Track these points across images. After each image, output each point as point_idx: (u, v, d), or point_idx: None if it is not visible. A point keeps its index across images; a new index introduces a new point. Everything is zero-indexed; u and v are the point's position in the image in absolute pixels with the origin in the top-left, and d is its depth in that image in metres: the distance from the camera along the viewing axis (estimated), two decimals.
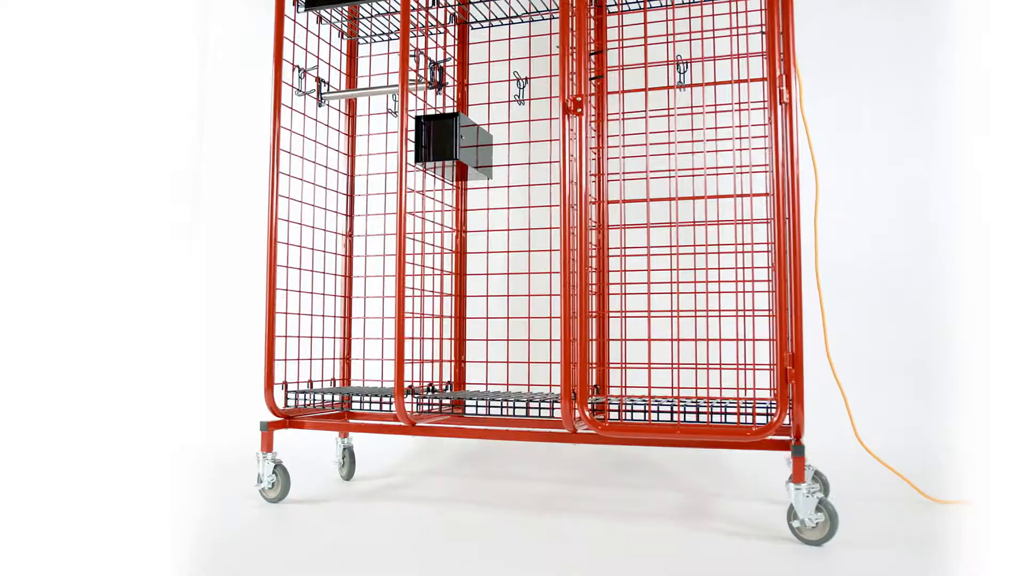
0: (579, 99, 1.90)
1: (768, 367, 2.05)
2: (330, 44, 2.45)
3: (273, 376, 2.16)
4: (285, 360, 2.23)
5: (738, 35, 2.11)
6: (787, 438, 1.80)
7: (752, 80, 2.09)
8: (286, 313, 2.23)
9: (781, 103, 1.80)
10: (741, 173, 2.12)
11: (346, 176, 2.49)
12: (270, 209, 2.19)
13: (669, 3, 2.15)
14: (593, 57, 2.26)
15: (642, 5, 2.12)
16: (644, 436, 1.76)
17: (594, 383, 2.18)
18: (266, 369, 2.16)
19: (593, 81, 2.24)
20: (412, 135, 2.10)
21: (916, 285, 2.35)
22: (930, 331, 2.33)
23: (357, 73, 2.55)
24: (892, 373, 2.33)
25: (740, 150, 2.14)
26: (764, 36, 2.00)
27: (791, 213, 1.83)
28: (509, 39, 2.38)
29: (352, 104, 2.51)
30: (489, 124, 2.38)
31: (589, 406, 1.85)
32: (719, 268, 2.10)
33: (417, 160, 2.09)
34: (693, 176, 2.12)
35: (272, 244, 2.19)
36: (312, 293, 2.34)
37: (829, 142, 2.37)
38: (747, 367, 2.09)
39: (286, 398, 2.18)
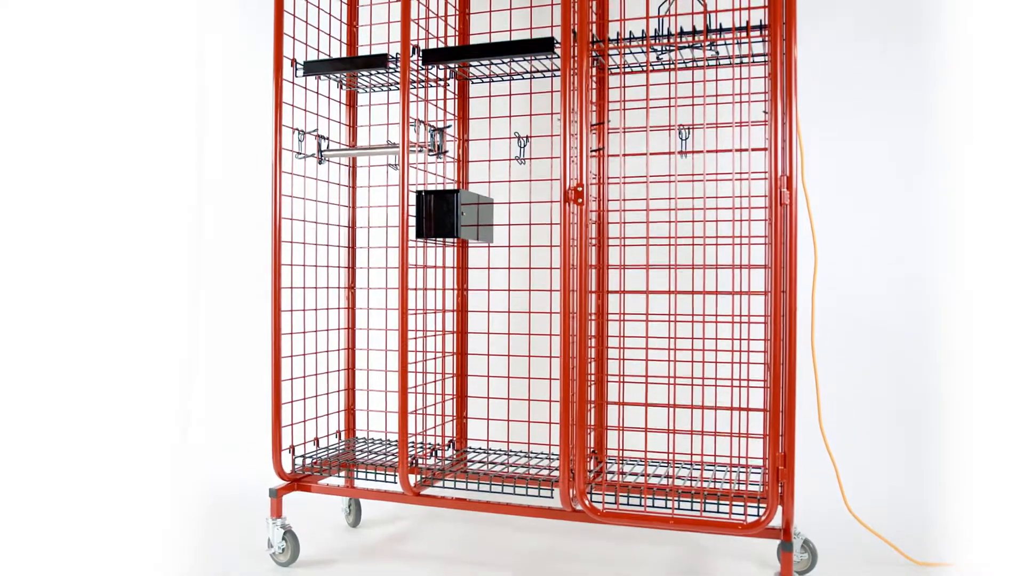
0: (580, 188, 1.90)
1: (761, 435, 2.10)
2: (329, 97, 2.44)
3: (280, 442, 2.22)
4: (292, 408, 2.28)
5: (741, 102, 2.10)
6: (778, 527, 1.86)
7: (754, 149, 2.09)
8: (290, 357, 2.28)
9: (781, 204, 1.81)
10: (740, 244, 2.13)
11: (347, 228, 2.51)
12: (274, 277, 2.21)
13: (671, 65, 2.13)
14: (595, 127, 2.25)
15: (644, 68, 2.10)
16: (639, 524, 1.82)
17: (592, 448, 2.23)
18: (273, 434, 2.21)
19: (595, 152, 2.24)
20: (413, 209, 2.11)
21: (905, 340, 2.38)
22: (917, 388, 2.36)
23: (357, 123, 2.53)
24: (877, 428, 2.38)
25: (740, 220, 2.14)
26: (766, 113, 1.99)
27: (788, 302, 1.85)
28: (510, 95, 2.37)
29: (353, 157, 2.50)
30: (490, 182, 2.38)
31: (587, 489, 1.91)
32: (716, 338, 2.13)
33: (418, 236, 2.10)
34: (693, 243, 2.13)
35: (276, 312, 2.22)
36: (316, 350, 2.38)
37: (820, 196, 2.37)
38: (742, 435, 2.14)
39: (293, 461, 2.24)
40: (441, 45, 2.36)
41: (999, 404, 2.28)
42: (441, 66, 2.21)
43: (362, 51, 2.54)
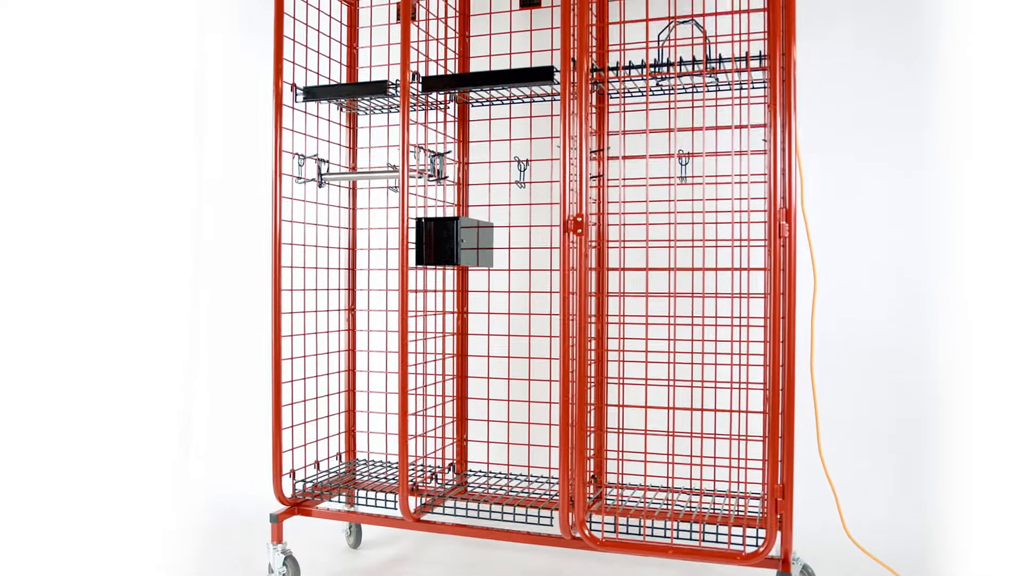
0: (579, 219, 1.91)
1: (760, 461, 2.11)
2: (329, 120, 2.44)
3: (281, 467, 2.23)
4: (292, 433, 2.29)
5: (740, 127, 2.10)
6: (777, 556, 1.86)
7: (753, 177, 2.09)
8: (291, 382, 2.28)
9: (780, 237, 1.81)
10: (740, 272, 2.14)
11: (347, 250, 2.51)
12: (274, 304, 2.21)
13: (671, 91, 2.13)
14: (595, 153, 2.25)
15: (644, 92, 2.10)
16: (638, 553, 1.83)
17: (592, 473, 2.24)
18: (273, 460, 2.22)
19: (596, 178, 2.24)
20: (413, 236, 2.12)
21: (905, 362, 2.38)
22: (917, 411, 2.37)
23: (357, 145, 2.54)
24: (877, 452, 2.39)
25: (739, 245, 2.15)
26: (766, 141, 1.99)
27: (787, 330, 1.86)
28: (510, 118, 2.37)
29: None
30: (490, 206, 2.38)
31: (587, 517, 1.92)
32: (716, 361, 2.14)
33: (418, 262, 2.11)
34: (692, 271, 2.14)
35: (276, 339, 2.23)
36: (316, 372, 2.38)
37: (819, 214, 2.37)
38: (740, 463, 2.15)
39: (294, 486, 2.25)
40: (441, 67, 2.36)
41: (999, 428, 2.28)
42: (441, 92, 2.21)
43: (362, 72, 2.54)
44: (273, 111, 2.21)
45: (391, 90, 2.20)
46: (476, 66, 2.43)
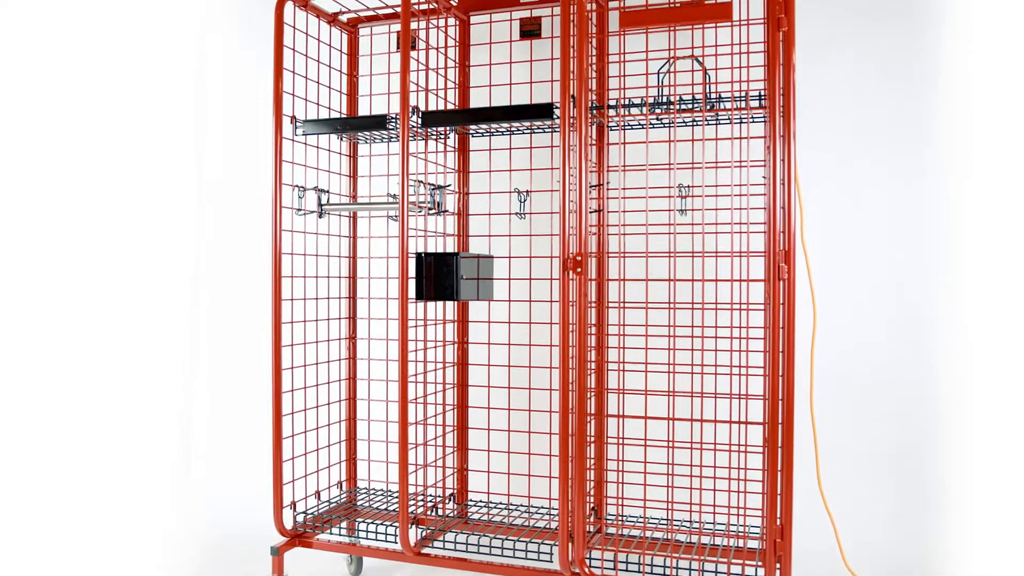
0: (579, 258, 1.91)
1: (760, 492, 2.11)
2: (329, 149, 2.44)
3: (282, 499, 2.23)
4: (293, 465, 2.29)
5: (740, 165, 2.10)
6: None
7: (753, 209, 2.09)
8: (291, 414, 2.29)
9: (780, 279, 1.81)
10: (740, 309, 2.14)
11: (348, 279, 2.51)
12: (274, 338, 2.22)
13: (671, 124, 2.13)
14: (594, 176, 2.25)
15: (644, 125, 2.09)
16: None
17: (592, 505, 2.25)
18: (274, 492, 2.23)
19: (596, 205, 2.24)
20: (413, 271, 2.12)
21: (905, 392, 2.37)
22: (917, 441, 2.37)
23: (358, 174, 2.54)
24: (877, 482, 2.39)
25: (740, 282, 2.15)
26: (765, 178, 1.99)
27: (786, 368, 1.86)
28: (510, 149, 2.37)
29: (353, 199, 2.51)
30: (490, 236, 2.38)
31: (586, 554, 1.93)
32: (715, 398, 2.14)
33: (418, 298, 2.11)
34: (692, 307, 2.14)
35: (276, 372, 2.23)
36: (317, 401, 2.39)
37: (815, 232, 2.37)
38: (741, 490, 2.15)
39: (295, 517, 2.26)
40: (441, 97, 2.36)
41: (999, 454, 2.28)
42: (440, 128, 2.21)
43: (363, 101, 2.54)
44: (273, 144, 2.21)
45: (390, 125, 2.20)
46: (476, 95, 2.43)
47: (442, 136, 2.36)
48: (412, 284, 2.31)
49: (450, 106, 2.40)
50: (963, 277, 2.30)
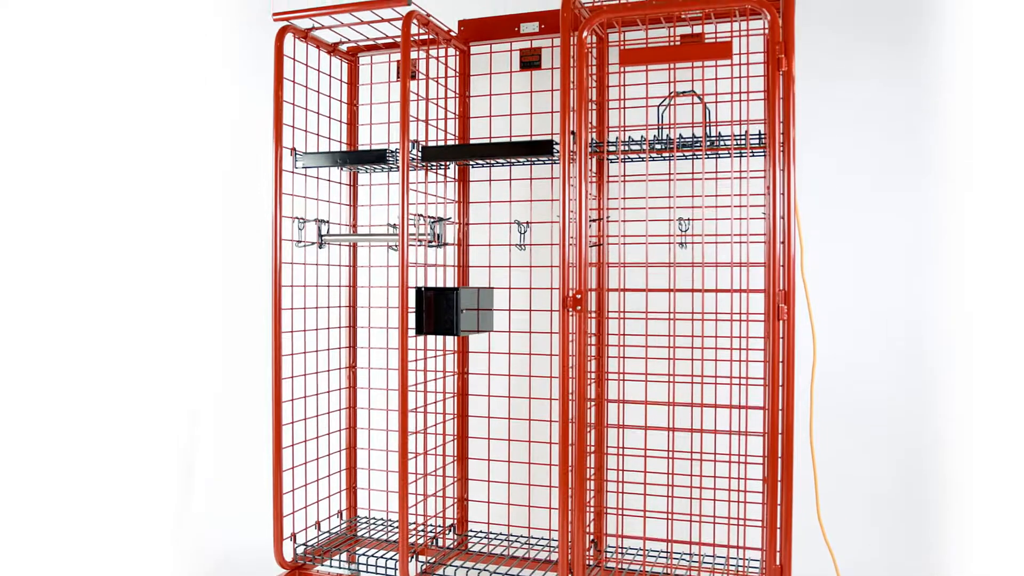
0: (579, 296, 1.91)
1: (760, 525, 2.11)
2: (329, 180, 2.44)
3: (282, 531, 2.24)
4: (293, 497, 2.29)
5: (740, 205, 2.10)
6: None
7: (752, 237, 2.08)
8: (291, 446, 2.29)
9: (780, 319, 1.81)
10: (741, 344, 2.14)
11: (348, 308, 2.51)
12: (274, 373, 2.22)
13: (671, 157, 2.13)
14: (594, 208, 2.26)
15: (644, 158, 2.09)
16: None
17: (592, 538, 2.25)
18: (274, 524, 2.23)
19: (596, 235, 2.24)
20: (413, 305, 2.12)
21: (905, 418, 2.37)
22: (919, 475, 2.37)
23: (358, 203, 2.54)
24: (877, 514, 2.38)
25: (740, 320, 2.14)
26: (765, 216, 1.99)
27: (785, 408, 1.86)
28: (510, 180, 2.37)
29: (352, 230, 2.51)
30: (490, 267, 2.38)
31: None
32: (715, 434, 2.14)
33: (418, 332, 2.11)
34: (692, 345, 2.14)
35: (277, 406, 2.23)
36: (317, 432, 2.39)
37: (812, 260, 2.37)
38: (741, 523, 2.15)
39: (295, 549, 2.26)
40: (441, 127, 2.35)
41: (1001, 493, 2.28)
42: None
43: (363, 130, 2.54)
44: (273, 178, 2.22)
45: (390, 159, 2.20)
46: (476, 126, 2.43)
47: (442, 167, 2.36)
48: (412, 317, 2.31)
49: (451, 136, 2.40)
50: (966, 308, 2.30)
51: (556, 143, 2.08)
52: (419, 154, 2.17)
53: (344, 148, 2.51)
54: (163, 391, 2.87)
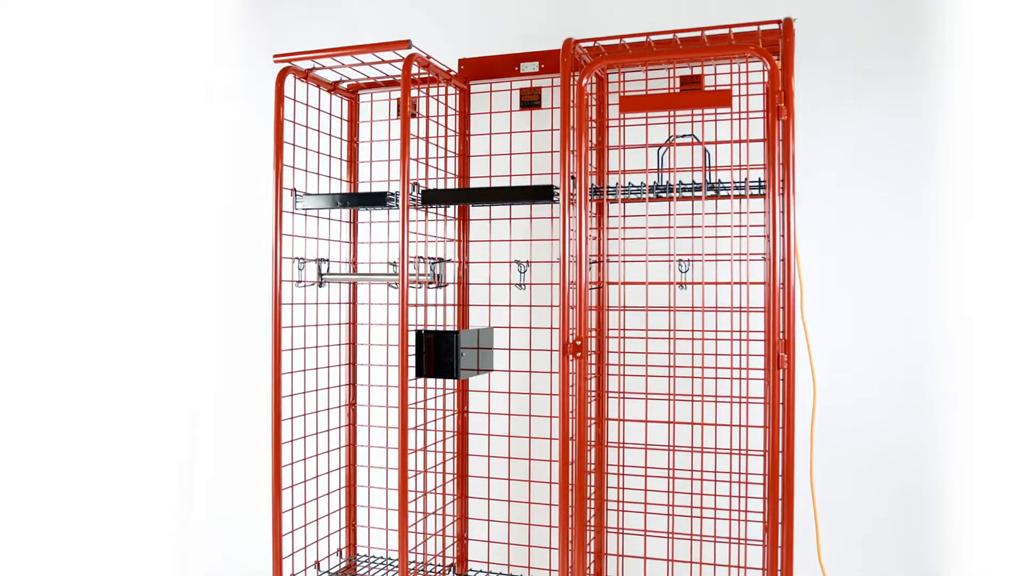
0: (579, 343, 1.91)
1: (760, 544, 2.10)
2: (330, 218, 2.44)
3: (281, 572, 2.23)
4: (292, 538, 2.28)
5: (740, 240, 2.10)
6: None
7: (752, 283, 2.08)
8: (291, 487, 2.28)
9: (780, 367, 1.81)
10: (739, 401, 2.14)
11: (348, 346, 2.51)
12: (274, 418, 2.22)
13: (670, 196, 2.12)
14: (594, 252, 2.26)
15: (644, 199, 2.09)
16: None
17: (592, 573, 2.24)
18: (274, 568, 2.22)
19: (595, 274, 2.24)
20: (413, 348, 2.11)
21: (906, 457, 2.37)
22: (921, 521, 2.36)
23: (358, 240, 2.54)
24: (877, 558, 2.38)
25: (740, 367, 2.14)
26: (766, 259, 1.99)
27: (785, 460, 1.86)
28: (510, 219, 2.37)
29: (352, 267, 2.51)
30: (490, 306, 2.38)
31: None
32: (715, 488, 2.14)
33: (418, 375, 2.11)
34: (692, 401, 2.14)
35: (276, 445, 2.23)
36: (317, 472, 2.38)
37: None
38: (741, 541, 2.15)
39: None
40: (441, 166, 2.36)
41: (1002, 534, 2.27)
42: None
43: (363, 168, 2.55)
44: (273, 219, 2.22)
45: (390, 202, 2.21)
46: (476, 164, 2.43)
47: (442, 206, 2.36)
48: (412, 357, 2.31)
49: (451, 175, 2.40)
50: (969, 350, 2.29)
51: (557, 188, 2.08)
52: (419, 196, 2.17)
53: (345, 184, 2.51)
54: (162, 409, 2.86)
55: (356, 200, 2.30)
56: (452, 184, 2.42)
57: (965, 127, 2.30)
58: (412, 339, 2.12)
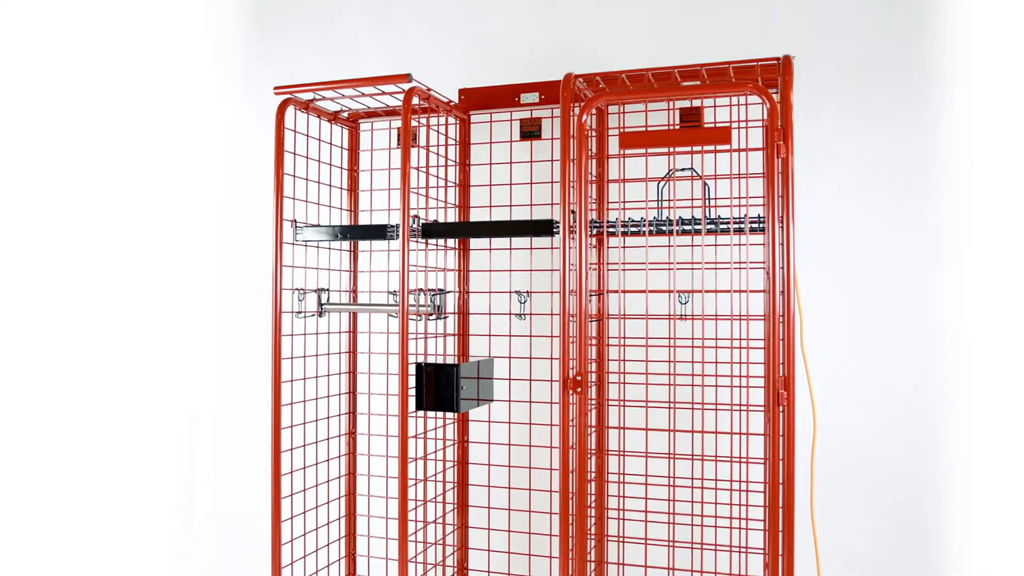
0: (579, 378, 1.91)
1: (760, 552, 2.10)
2: (330, 248, 2.44)
3: None
4: (292, 570, 2.28)
5: (740, 269, 2.10)
6: None
7: (752, 318, 2.09)
8: (290, 519, 2.27)
9: (779, 405, 1.81)
10: (740, 434, 2.14)
11: (348, 375, 2.51)
12: (273, 451, 2.21)
13: (670, 231, 2.13)
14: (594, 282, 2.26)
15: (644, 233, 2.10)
16: None
17: None
18: None
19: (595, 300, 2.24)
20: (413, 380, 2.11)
21: (906, 484, 2.36)
22: (920, 533, 2.36)
23: (358, 268, 2.54)
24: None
25: (740, 403, 2.14)
26: (766, 291, 2.00)
27: (785, 500, 1.85)
28: (511, 249, 2.37)
29: (353, 296, 2.51)
30: (490, 335, 2.38)
31: None
32: (716, 522, 2.13)
33: (418, 408, 2.11)
34: (692, 431, 2.14)
35: (276, 478, 2.22)
36: (317, 504, 2.38)
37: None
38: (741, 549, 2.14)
39: None
40: (441, 195, 2.36)
41: (1004, 558, 2.27)
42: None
43: (363, 196, 2.55)
44: (273, 251, 2.22)
45: (391, 235, 2.21)
46: (476, 194, 2.43)
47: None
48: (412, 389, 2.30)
49: (451, 205, 2.40)
50: (969, 369, 2.29)
51: (557, 222, 2.09)
52: (419, 229, 2.18)
53: (345, 213, 2.51)
54: (163, 451, 2.86)
55: (356, 232, 2.31)
56: (453, 213, 2.42)
57: (966, 153, 2.30)
58: (412, 371, 2.12)
